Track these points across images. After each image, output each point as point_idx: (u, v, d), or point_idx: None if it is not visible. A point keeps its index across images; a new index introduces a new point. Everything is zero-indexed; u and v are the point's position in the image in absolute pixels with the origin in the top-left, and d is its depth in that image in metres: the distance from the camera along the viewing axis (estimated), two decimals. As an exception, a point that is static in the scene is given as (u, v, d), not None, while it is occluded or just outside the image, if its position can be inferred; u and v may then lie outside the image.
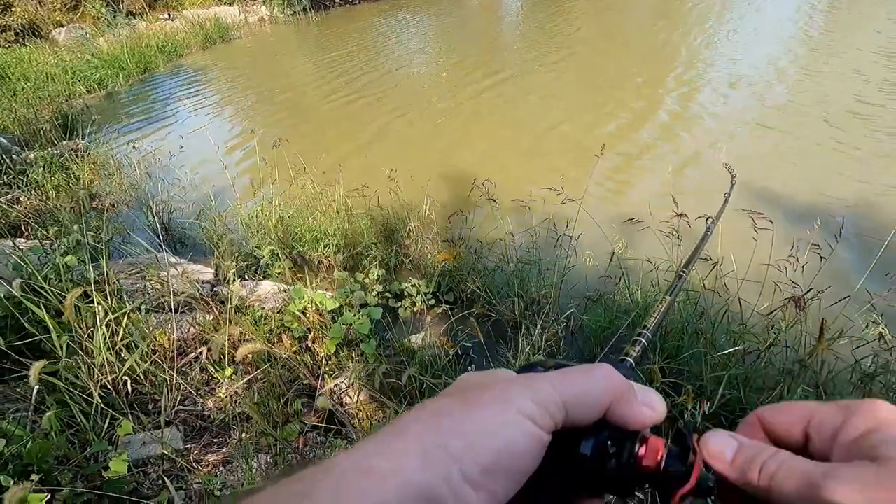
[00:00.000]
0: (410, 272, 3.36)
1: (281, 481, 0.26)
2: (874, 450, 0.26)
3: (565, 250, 2.76)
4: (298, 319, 2.57)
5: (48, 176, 4.60)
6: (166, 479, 1.72)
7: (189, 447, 2.01)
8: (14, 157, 4.94)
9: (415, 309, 3.00)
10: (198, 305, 2.70)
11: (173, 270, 2.98)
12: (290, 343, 2.55)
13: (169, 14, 13.69)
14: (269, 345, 2.40)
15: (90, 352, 2.11)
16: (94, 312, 2.13)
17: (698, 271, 2.39)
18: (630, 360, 0.39)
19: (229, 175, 4.01)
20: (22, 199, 4.39)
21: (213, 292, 2.96)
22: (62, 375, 1.91)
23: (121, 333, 2.21)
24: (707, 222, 0.88)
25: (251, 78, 9.35)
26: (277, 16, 14.38)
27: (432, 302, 3.01)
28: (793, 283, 2.10)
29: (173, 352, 2.34)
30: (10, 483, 1.48)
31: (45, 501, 1.46)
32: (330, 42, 11.38)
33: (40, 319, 2.05)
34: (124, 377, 2.13)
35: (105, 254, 2.52)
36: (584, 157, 4.79)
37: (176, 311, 2.56)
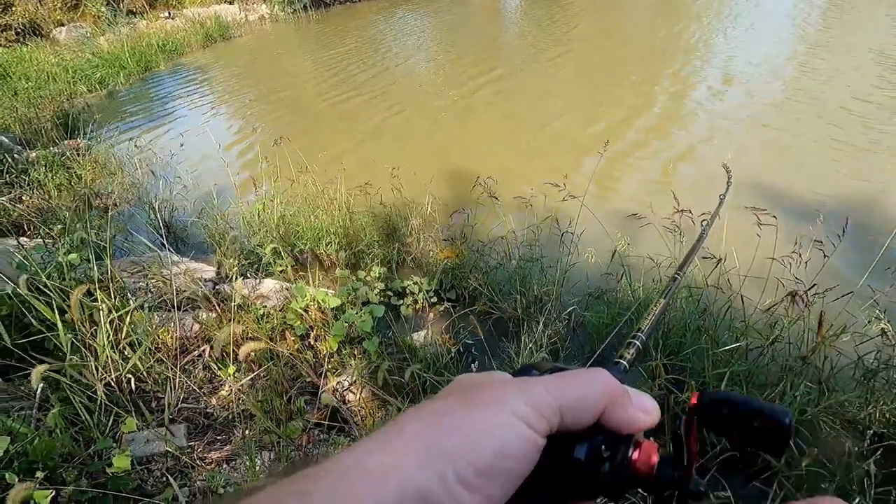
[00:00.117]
0: (412, 270, 3.36)
1: (282, 480, 0.26)
2: None
3: (567, 247, 2.76)
4: (301, 317, 2.57)
5: (50, 175, 4.60)
6: (170, 477, 1.73)
7: (193, 444, 2.02)
8: (16, 156, 4.94)
9: (417, 306, 3.00)
10: (200, 303, 2.71)
11: (176, 268, 2.99)
12: (292, 341, 2.55)
13: (169, 13, 13.67)
14: (272, 342, 2.41)
15: (94, 350, 2.12)
16: (97, 310, 2.13)
17: (701, 268, 2.39)
18: (624, 363, 0.39)
19: (230, 173, 4.00)
20: (24, 197, 4.39)
21: (215, 290, 2.97)
22: (67, 373, 1.92)
23: (124, 331, 2.22)
24: (702, 224, 0.88)
25: (251, 76, 9.34)
26: (278, 14, 14.36)
27: (434, 299, 3.01)
28: (796, 278, 2.10)
29: (176, 350, 2.35)
30: (15, 480, 1.49)
31: (49, 499, 1.47)
32: (330, 40, 11.36)
33: (44, 317, 2.06)
34: (128, 375, 2.14)
35: (108, 252, 2.52)
36: (583, 154, 4.79)
37: (179, 309, 2.57)
